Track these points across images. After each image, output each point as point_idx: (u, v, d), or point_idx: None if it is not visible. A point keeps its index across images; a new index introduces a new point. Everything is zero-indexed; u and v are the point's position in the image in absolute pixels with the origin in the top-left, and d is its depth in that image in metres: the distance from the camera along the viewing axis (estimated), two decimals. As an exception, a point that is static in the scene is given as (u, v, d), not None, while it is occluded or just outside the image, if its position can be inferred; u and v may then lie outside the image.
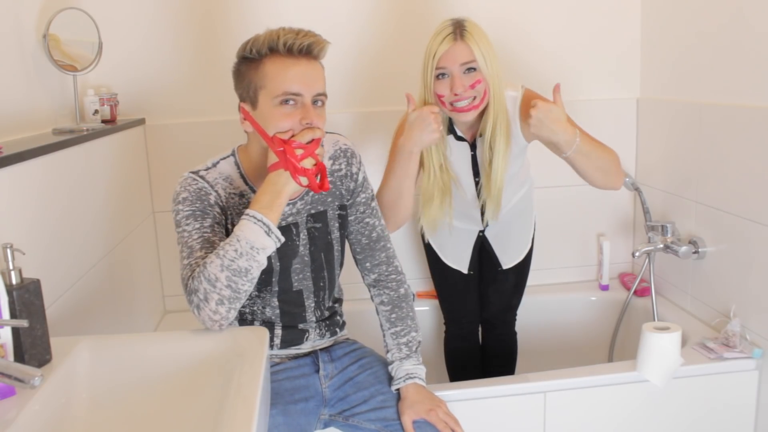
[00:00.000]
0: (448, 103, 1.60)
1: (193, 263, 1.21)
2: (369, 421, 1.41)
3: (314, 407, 1.42)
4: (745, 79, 1.78)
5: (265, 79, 1.23)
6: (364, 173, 1.48)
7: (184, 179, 1.30)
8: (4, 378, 0.83)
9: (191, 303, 1.17)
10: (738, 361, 1.75)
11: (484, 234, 1.95)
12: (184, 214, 1.27)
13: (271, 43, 1.22)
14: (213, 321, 1.16)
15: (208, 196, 1.29)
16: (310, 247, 1.41)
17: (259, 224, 1.17)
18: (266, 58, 1.23)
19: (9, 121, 1.49)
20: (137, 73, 2.12)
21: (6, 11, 1.53)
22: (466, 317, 2.03)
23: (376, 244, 1.50)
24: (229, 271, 1.14)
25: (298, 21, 2.11)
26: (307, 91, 1.23)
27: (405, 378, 1.43)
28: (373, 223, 1.50)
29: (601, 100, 2.34)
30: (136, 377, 1.09)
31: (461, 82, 1.56)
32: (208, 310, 1.15)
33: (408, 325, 1.49)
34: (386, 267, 1.52)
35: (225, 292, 1.14)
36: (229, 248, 1.15)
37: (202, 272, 1.16)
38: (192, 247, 1.23)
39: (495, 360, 2.07)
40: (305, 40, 1.23)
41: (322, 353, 1.49)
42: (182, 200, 1.28)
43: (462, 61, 1.56)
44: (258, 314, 1.42)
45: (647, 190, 2.24)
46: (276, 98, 1.22)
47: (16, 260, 0.99)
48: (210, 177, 1.31)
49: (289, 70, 1.22)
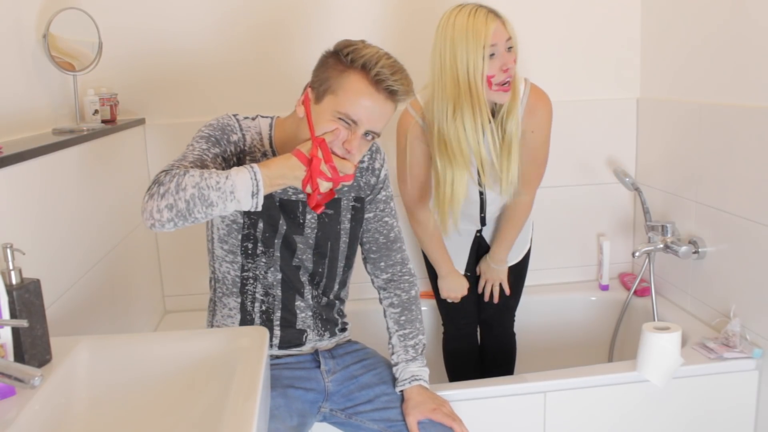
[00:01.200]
0: (495, 83, 1.57)
1: (176, 165, 1.21)
2: (373, 421, 1.41)
3: (314, 398, 1.43)
4: (745, 79, 1.78)
5: (340, 89, 1.22)
6: (386, 171, 1.49)
7: (222, 115, 1.37)
8: (4, 378, 0.83)
9: (149, 190, 1.16)
10: (738, 361, 1.75)
11: (481, 234, 1.95)
12: (201, 134, 1.32)
13: (368, 63, 1.21)
14: (152, 216, 1.14)
15: (231, 134, 1.33)
16: (318, 232, 1.42)
17: (253, 182, 1.16)
18: (354, 71, 1.22)
19: (9, 121, 1.49)
20: (137, 73, 2.12)
21: (6, 11, 1.53)
22: (465, 318, 2.03)
23: (393, 245, 1.52)
24: (198, 192, 1.13)
25: (306, 19, 2.14)
26: (367, 124, 1.23)
27: (410, 380, 1.44)
28: (392, 223, 1.51)
29: (601, 100, 2.34)
30: (136, 377, 1.08)
31: (509, 59, 1.56)
32: (155, 204, 1.14)
33: (416, 328, 1.50)
34: (401, 267, 1.53)
35: (180, 204, 1.13)
36: (214, 177, 1.15)
37: (177, 174, 1.15)
38: (186, 157, 1.25)
39: (494, 361, 2.07)
40: (395, 84, 1.22)
41: (324, 351, 1.50)
42: (208, 125, 1.34)
43: (507, 36, 1.56)
44: (260, 278, 1.42)
45: (647, 190, 2.24)
46: (337, 113, 1.22)
47: (16, 260, 0.99)
48: (245, 123, 1.37)
49: (364, 97, 1.22)
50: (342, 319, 1.56)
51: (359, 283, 1.79)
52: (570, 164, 2.35)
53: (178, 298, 2.29)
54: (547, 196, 2.31)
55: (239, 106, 2.15)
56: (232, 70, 2.16)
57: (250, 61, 2.17)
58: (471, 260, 1.97)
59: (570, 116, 2.31)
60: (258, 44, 2.16)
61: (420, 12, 2.19)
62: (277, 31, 2.16)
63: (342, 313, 1.56)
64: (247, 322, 1.45)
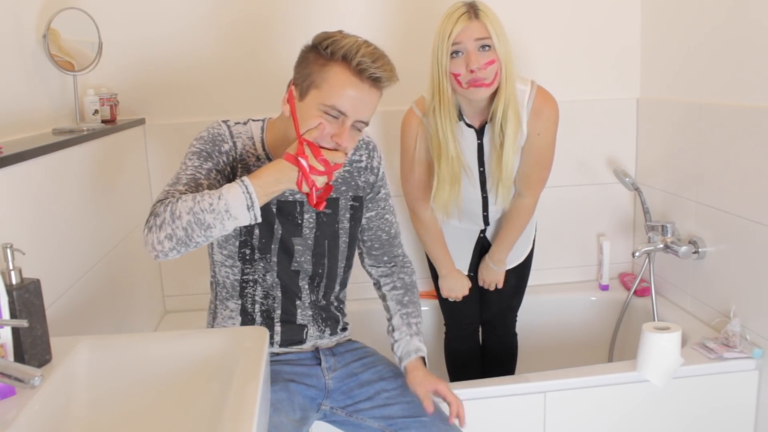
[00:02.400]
0: (464, 82, 1.59)
1: (171, 192, 1.21)
2: (373, 418, 1.41)
3: (315, 395, 1.43)
4: (745, 79, 1.78)
5: (324, 82, 1.22)
6: (384, 168, 1.51)
7: (213, 124, 1.35)
8: (4, 378, 0.83)
9: (147, 223, 1.17)
10: (738, 361, 1.75)
11: (484, 235, 1.95)
12: (193, 149, 1.31)
13: (348, 53, 1.20)
14: (153, 248, 1.15)
15: (222, 144, 1.32)
16: (316, 232, 1.42)
17: (246, 195, 1.15)
18: (335, 63, 1.21)
19: (9, 121, 1.49)
20: (137, 73, 2.12)
21: (6, 11, 1.53)
22: (467, 319, 2.03)
23: (394, 240, 1.56)
24: (194, 218, 1.14)
25: (307, 18, 2.13)
26: (354, 114, 1.22)
27: (415, 351, 1.45)
28: (392, 220, 1.54)
29: (601, 100, 2.34)
30: (136, 377, 1.08)
31: (476, 58, 1.56)
32: (155, 236, 1.14)
33: (418, 308, 1.54)
34: (402, 258, 1.60)
35: (179, 233, 1.14)
36: (207, 198, 1.15)
37: (171, 203, 1.16)
38: (179, 179, 1.25)
39: (495, 361, 2.07)
40: (378, 72, 1.21)
41: (324, 349, 1.50)
42: (199, 138, 1.33)
43: (477, 36, 1.56)
44: (260, 281, 1.43)
45: (647, 190, 2.24)
46: (323, 106, 1.22)
47: (16, 260, 0.99)
48: (235, 129, 1.36)
49: (348, 88, 1.21)
50: (343, 318, 1.56)
51: (359, 283, 1.79)
52: (570, 164, 2.35)
53: (178, 298, 2.29)
54: (547, 196, 2.29)
55: (239, 106, 2.16)
56: (232, 69, 2.16)
57: (250, 61, 2.17)
58: (474, 260, 1.97)
59: (570, 116, 2.30)
60: (258, 44, 2.16)
61: (421, 9, 2.19)
62: (277, 31, 2.16)
63: (343, 312, 1.56)
64: (248, 323, 1.45)
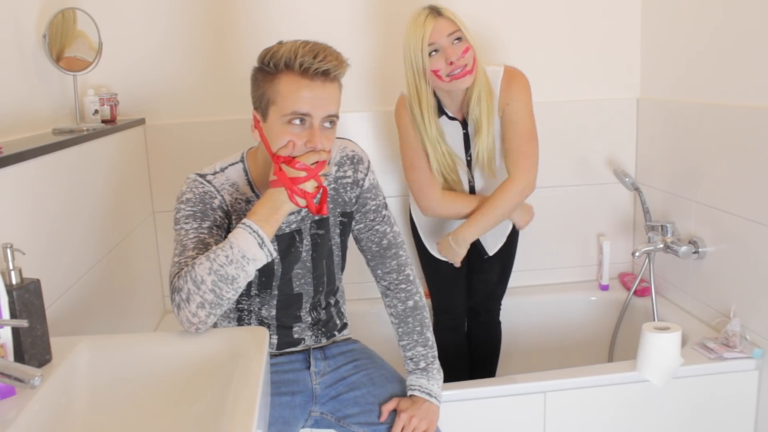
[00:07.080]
0: (444, 76, 1.67)
1: (182, 262, 1.19)
2: (359, 425, 1.40)
3: (302, 402, 1.42)
4: (745, 79, 1.78)
5: (277, 95, 1.21)
6: (372, 180, 1.44)
7: (192, 181, 1.30)
8: (4, 378, 0.83)
9: (173, 301, 1.15)
10: (738, 361, 1.75)
11: None
12: (184, 213, 1.27)
13: (288, 60, 1.19)
14: (191, 323, 1.14)
15: (212, 200, 1.29)
16: (313, 254, 1.41)
17: (254, 235, 1.15)
18: (281, 74, 1.20)
19: (9, 121, 1.49)
20: (137, 73, 2.12)
21: (6, 11, 1.53)
22: (458, 308, 2.06)
23: (386, 252, 1.47)
24: (216, 276, 1.13)
25: (302, 21, 2.14)
26: (317, 112, 1.20)
27: (409, 388, 1.44)
28: (384, 230, 1.47)
29: (601, 100, 2.34)
30: (136, 377, 1.08)
31: (454, 51, 1.66)
32: (187, 311, 1.13)
33: (414, 339, 1.47)
34: (396, 275, 1.48)
35: (208, 296, 1.13)
36: (221, 253, 1.14)
37: (189, 272, 1.14)
38: (185, 246, 1.22)
39: (479, 348, 2.10)
40: (323, 65, 1.19)
41: (315, 351, 1.49)
42: (186, 200, 1.28)
43: (448, 31, 1.66)
44: (254, 313, 1.43)
45: (647, 190, 2.24)
46: (285, 116, 1.20)
47: (16, 260, 0.99)
48: (217, 182, 1.31)
49: (301, 91, 1.19)
50: (342, 320, 1.55)
51: (359, 283, 1.80)
52: (570, 164, 2.35)
53: (178, 298, 2.29)
54: (547, 196, 2.31)
55: (239, 106, 2.15)
56: (232, 69, 2.16)
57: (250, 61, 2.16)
58: None
59: (570, 116, 2.32)
60: (258, 44, 2.15)
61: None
62: (277, 31, 2.16)
63: (341, 312, 1.56)
64: None
